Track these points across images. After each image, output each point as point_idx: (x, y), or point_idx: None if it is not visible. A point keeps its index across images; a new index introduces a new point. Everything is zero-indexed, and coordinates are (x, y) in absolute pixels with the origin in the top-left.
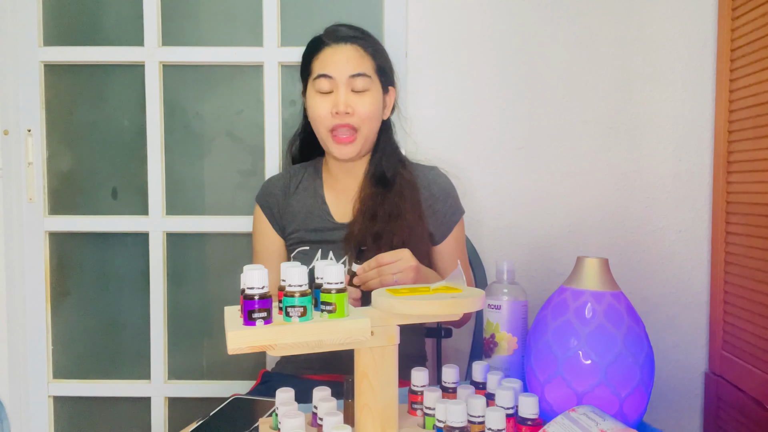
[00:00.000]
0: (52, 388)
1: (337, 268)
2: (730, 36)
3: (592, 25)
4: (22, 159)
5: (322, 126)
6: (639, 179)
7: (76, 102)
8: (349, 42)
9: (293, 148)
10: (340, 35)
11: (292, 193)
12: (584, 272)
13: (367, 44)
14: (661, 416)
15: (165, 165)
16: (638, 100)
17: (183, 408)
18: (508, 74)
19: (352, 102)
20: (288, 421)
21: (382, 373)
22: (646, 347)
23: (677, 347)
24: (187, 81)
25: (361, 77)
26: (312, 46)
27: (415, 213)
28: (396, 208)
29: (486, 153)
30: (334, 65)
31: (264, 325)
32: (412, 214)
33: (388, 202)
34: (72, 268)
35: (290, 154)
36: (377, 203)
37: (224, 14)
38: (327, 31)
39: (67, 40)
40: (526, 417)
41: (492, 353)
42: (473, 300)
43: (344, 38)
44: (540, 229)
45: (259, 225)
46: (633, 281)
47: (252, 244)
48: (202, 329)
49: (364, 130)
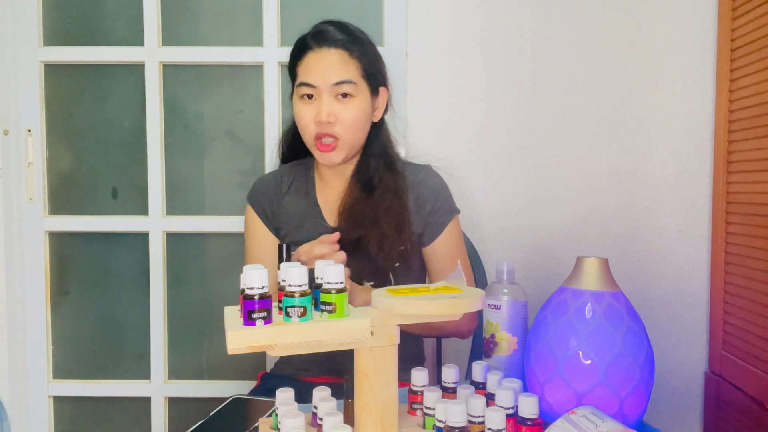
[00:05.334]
0: (52, 388)
1: (337, 268)
2: (730, 36)
3: (592, 25)
4: (22, 159)
5: (306, 132)
6: (639, 179)
7: (76, 102)
8: (334, 46)
9: (283, 147)
10: (324, 38)
11: (284, 194)
12: (584, 272)
13: (353, 47)
14: (661, 416)
15: (165, 165)
16: (638, 100)
17: (183, 408)
18: (508, 74)
19: (336, 110)
20: (288, 421)
21: (382, 373)
22: (646, 347)
23: (677, 347)
24: (187, 81)
25: (346, 84)
26: (297, 48)
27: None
28: (374, 217)
29: (486, 153)
30: (316, 73)
31: (264, 325)
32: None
33: (368, 210)
34: (72, 268)
35: (280, 152)
36: (358, 211)
37: (224, 14)
38: (313, 31)
39: (67, 40)
40: (526, 417)
41: (492, 353)
42: (473, 300)
43: (329, 42)
44: (540, 229)
45: (252, 226)
46: (633, 281)
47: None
48: (202, 329)
49: (347, 139)
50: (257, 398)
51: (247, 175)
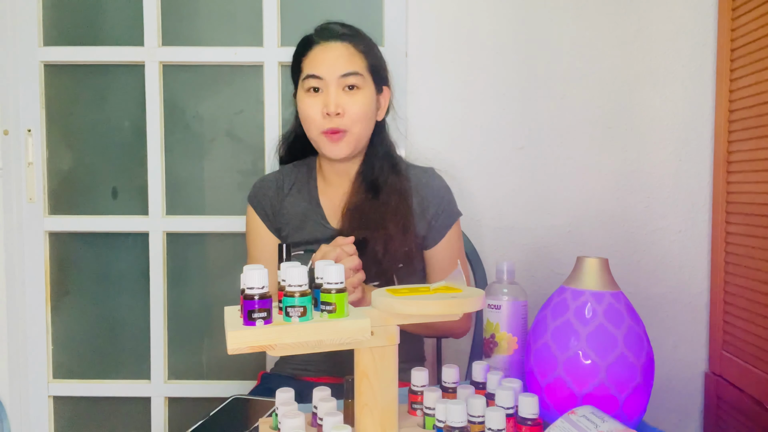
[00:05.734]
0: (52, 388)
1: (337, 268)
2: (730, 36)
3: (591, 25)
4: (22, 159)
5: (313, 127)
6: (639, 179)
7: (76, 102)
8: (340, 40)
9: (282, 149)
10: (330, 33)
11: (285, 195)
12: (584, 272)
13: (358, 42)
14: (661, 416)
15: (165, 165)
16: (638, 100)
17: (183, 408)
18: (508, 74)
19: (343, 102)
20: (288, 421)
21: (382, 373)
22: (646, 347)
23: (677, 347)
24: (187, 81)
25: (353, 76)
26: (302, 45)
27: (399, 223)
28: (380, 218)
29: (486, 153)
30: (323, 64)
31: (264, 325)
32: (394, 225)
33: (373, 211)
34: (72, 268)
35: (278, 155)
36: (363, 211)
37: (224, 14)
38: (317, 29)
39: (67, 40)
40: (526, 417)
41: (492, 353)
42: (473, 300)
43: (335, 36)
44: (540, 229)
45: (253, 227)
46: (633, 281)
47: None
48: (202, 329)
49: (354, 131)
50: (257, 398)
51: (247, 175)
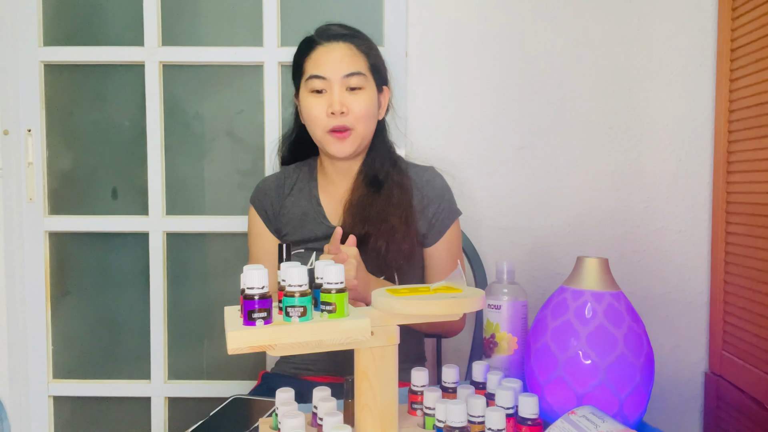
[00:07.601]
0: (52, 388)
1: (337, 268)
2: (730, 36)
3: (591, 25)
4: (22, 159)
5: (318, 127)
6: (639, 179)
7: (76, 102)
8: (342, 40)
9: (283, 150)
10: (332, 34)
11: (286, 195)
12: (584, 272)
13: (360, 42)
14: (661, 416)
15: (165, 165)
16: (638, 100)
17: (183, 408)
18: (507, 74)
19: (347, 101)
20: (288, 421)
21: (382, 373)
22: (646, 347)
23: (677, 347)
24: (187, 81)
25: (356, 76)
26: (304, 47)
27: (402, 217)
28: (382, 212)
29: (486, 153)
30: (327, 65)
31: (264, 325)
32: (397, 218)
33: (375, 205)
34: (72, 268)
35: (280, 156)
36: (365, 206)
37: (224, 14)
38: (318, 30)
39: (67, 40)
40: (526, 417)
41: (492, 353)
42: (473, 300)
43: (337, 36)
44: (540, 229)
45: (254, 227)
46: (633, 281)
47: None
48: (202, 329)
49: (359, 129)
50: (257, 398)
51: (247, 175)
